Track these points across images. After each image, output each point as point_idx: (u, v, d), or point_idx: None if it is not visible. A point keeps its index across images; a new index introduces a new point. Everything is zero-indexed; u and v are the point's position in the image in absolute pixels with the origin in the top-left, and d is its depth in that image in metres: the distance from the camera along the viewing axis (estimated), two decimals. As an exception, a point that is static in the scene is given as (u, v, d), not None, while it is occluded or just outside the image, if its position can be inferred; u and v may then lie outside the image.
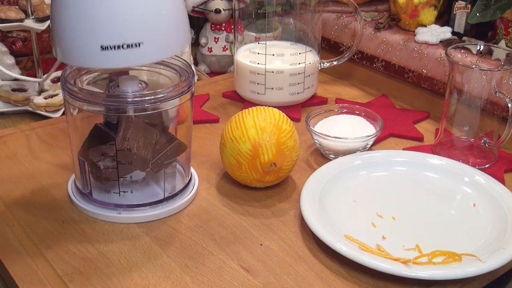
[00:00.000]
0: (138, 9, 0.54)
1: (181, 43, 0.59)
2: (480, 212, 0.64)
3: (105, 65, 0.55)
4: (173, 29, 0.57)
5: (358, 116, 0.79)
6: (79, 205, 0.63)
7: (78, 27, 0.53)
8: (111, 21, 0.53)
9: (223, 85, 0.96)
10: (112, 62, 0.54)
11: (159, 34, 0.56)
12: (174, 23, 0.57)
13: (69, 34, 0.54)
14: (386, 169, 0.71)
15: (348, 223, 0.61)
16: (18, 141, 0.78)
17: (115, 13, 0.53)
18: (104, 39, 0.53)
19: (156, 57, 0.57)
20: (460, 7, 0.86)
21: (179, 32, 0.58)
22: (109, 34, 0.53)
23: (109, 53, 0.53)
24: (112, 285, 0.54)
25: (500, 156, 0.75)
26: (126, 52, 0.54)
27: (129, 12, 0.53)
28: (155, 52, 0.56)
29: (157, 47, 0.56)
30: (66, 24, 0.54)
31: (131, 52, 0.54)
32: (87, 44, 0.54)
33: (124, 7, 0.53)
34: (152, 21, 0.55)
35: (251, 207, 0.65)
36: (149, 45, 0.55)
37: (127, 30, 0.53)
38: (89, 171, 0.62)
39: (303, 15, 0.89)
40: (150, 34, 0.55)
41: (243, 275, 0.55)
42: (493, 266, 0.54)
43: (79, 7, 0.53)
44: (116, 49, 0.53)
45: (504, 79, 0.72)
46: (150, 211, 0.62)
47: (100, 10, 0.53)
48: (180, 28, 0.58)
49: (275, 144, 0.64)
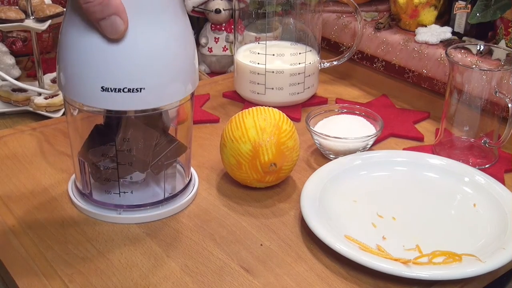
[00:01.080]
0: (141, 55, 0.53)
1: (188, 88, 0.58)
2: (480, 212, 0.64)
3: (104, 105, 0.55)
4: (177, 77, 0.56)
5: (358, 116, 0.79)
6: (79, 205, 0.63)
7: (80, 65, 0.54)
8: (113, 64, 0.53)
9: (223, 85, 0.96)
10: (112, 104, 0.54)
11: (162, 82, 0.55)
12: (179, 71, 0.56)
13: (72, 71, 0.55)
14: (386, 169, 0.71)
15: (348, 223, 0.61)
16: (18, 141, 0.78)
17: (117, 57, 0.53)
18: (104, 80, 0.53)
19: (157, 103, 0.57)
20: (460, 7, 0.86)
21: (184, 78, 0.57)
22: (110, 77, 0.53)
23: (109, 94, 0.53)
24: (112, 285, 0.54)
25: (500, 156, 0.75)
26: (126, 95, 0.54)
27: (131, 57, 0.53)
28: (156, 98, 0.56)
29: (159, 93, 0.55)
30: (70, 61, 0.55)
31: (132, 96, 0.54)
32: (88, 83, 0.54)
33: (127, 52, 0.53)
34: (155, 69, 0.54)
35: (251, 207, 0.65)
36: (150, 91, 0.54)
37: (128, 75, 0.53)
38: (89, 172, 0.62)
39: (303, 15, 0.89)
40: (152, 81, 0.54)
41: (243, 275, 0.55)
42: (493, 266, 0.54)
43: (83, 48, 0.53)
44: (116, 91, 0.53)
45: (504, 79, 0.72)
46: (150, 212, 0.62)
47: (103, 53, 0.52)
48: (186, 75, 0.58)
49: (275, 144, 0.64)
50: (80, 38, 0.53)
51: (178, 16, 0.56)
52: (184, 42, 0.57)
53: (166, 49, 0.55)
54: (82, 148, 0.62)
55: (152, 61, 0.54)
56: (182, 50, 0.56)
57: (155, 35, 0.53)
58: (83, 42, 0.53)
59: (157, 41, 0.54)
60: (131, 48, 0.53)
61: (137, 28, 0.52)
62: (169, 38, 0.55)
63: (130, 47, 0.53)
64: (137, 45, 0.53)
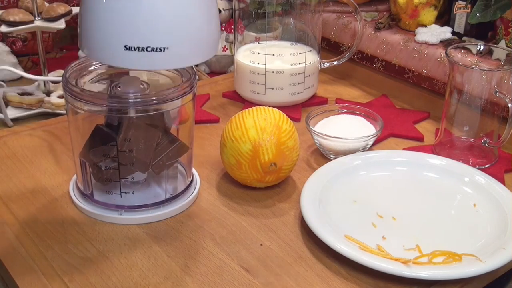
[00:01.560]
0: (165, 14, 0.53)
1: (209, 51, 0.58)
2: (480, 212, 0.64)
3: (128, 65, 0.55)
4: (201, 38, 0.56)
5: (358, 116, 0.79)
6: (81, 206, 0.63)
7: (104, 24, 0.53)
8: (136, 22, 0.52)
9: (223, 85, 0.96)
10: (135, 63, 0.54)
11: (185, 41, 0.55)
12: (202, 32, 0.56)
13: (95, 31, 0.54)
14: (386, 169, 0.71)
15: (348, 223, 0.61)
16: (18, 141, 0.78)
17: (141, 15, 0.52)
18: (128, 39, 0.53)
19: (181, 64, 0.57)
20: (460, 7, 0.86)
21: (207, 40, 0.57)
22: (133, 35, 0.53)
23: (132, 54, 0.53)
24: (112, 285, 0.54)
25: (500, 156, 0.75)
26: (150, 55, 0.53)
27: (155, 15, 0.52)
28: (180, 58, 0.55)
29: (182, 53, 0.55)
30: (93, 21, 0.54)
31: (155, 56, 0.53)
32: (112, 42, 0.53)
33: (151, 10, 0.52)
34: (179, 27, 0.54)
35: (251, 207, 0.65)
36: (174, 51, 0.54)
37: (151, 34, 0.53)
38: (90, 172, 0.62)
39: (303, 15, 0.89)
40: (175, 40, 0.54)
41: (243, 275, 0.55)
42: (493, 266, 0.54)
43: (107, 5, 0.53)
44: (140, 50, 0.53)
45: (504, 79, 0.73)
46: (152, 212, 0.62)
47: (126, 10, 0.52)
48: (209, 37, 0.57)
49: (275, 144, 0.64)
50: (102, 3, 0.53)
51: None
52: (208, 5, 0.56)
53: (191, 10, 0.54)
54: (84, 148, 0.62)
55: (176, 21, 0.53)
56: (206, 14, 0.56)
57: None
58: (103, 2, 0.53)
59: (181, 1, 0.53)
60: (155, 7, 0.52)
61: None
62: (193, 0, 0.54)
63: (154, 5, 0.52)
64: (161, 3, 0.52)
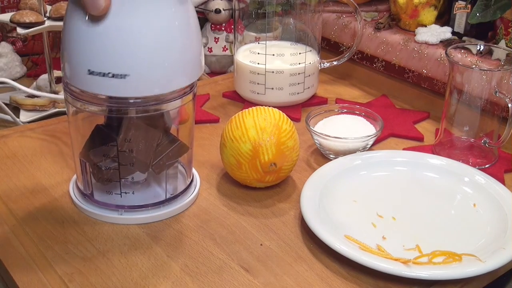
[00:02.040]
0: (127, 41, 0.52)
1: (180, 81, 0.57)
2: (480, 212, 0.64)
3: (91, 89, 0.55)
4: (168, 68, 0.55)
5: (358, 116, 0.79)
6: (81, 206, 0.63)
7: (72, 48, 0.54)
8: (98, 48, 0.53)
9: (223, 85, 0.96)
10: (98, 88, 0.54)
11: (148, 70, 0.54)
12: (170, 61, 0.55)
13: (66, 53, 0.56)
14: (386, 169, 0.71)
15: (348, 223, 0.61)
16: (18, 141, 0.78)
17: (103, 41, 0.52)
18: (91, 64, 0.53)
19: (144, 92, 0.55)
20: (460, 7, 0.86)
21: (177, 70, 0.56)
22: (95, 60, 0.53)
23: (95, 78, 0.53)
24: (112, 285, 0.54)
25: (500, 156, 0.75)
26: (111, 80, 0.53)
27: (116, 42, 0.52)
28: (143, 86, 0.54)
29: (145, 82, 0.54)
30: (64, 44, 0.55)
31: (116, 82, 0.53)
32: (78, 66, 0.54)
33: (112, 36, 0.52)
34: (141, 56, 0.53)
35: (251, 207, 0.65)
36: (135, 79, 0.53)
37: (111, 60, 0.53)
38: (90, 172, 0.62)
39: (303, 15, 0.89)
40: (137, 68, 0.53)
41: (243, 275, 0.55)
42: (493, 266, 0.54)
43: (74, 30, 0.54)
44: (101, 76, 0.53)
45: (504, 79, 0.73)
46: (152, 212, 0.62)
47: (90, 36, 0.53)
48: (179, 67, 0.56)
49: (275, 144, 0.64)
50: (72, 21, 0.54)
51: (173, 7, 0.54)
52: (179, 33, 0.55)
53: (156, 39, 0.53)
54: (83, 149, 0.62)
55: (139, 49, 0.53)
56: (176, 44, 0.55)
57: (145, 22, 0.53)
58: (74, 25, 0.53)
59: (147, 29, 0.53)
60: (118, 33, 0.52)
61: (125, 14, 0.52)
62: (161, 27, 0.54)
63: (117, 31, 0.52)
64: (124, 30, 0.52)
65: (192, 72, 0.58)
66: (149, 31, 0.53)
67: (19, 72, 1.07)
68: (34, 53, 1.14)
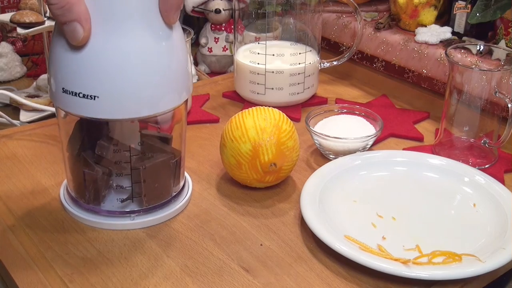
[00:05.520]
0: (99, 63, 0.52)
1: (156, 106, 0.56)
2: (480, 212, 0.64)
3: (65, 107, 0.56)
4: (143, 92, 0.54)
5: (358, 116, 0.79)
6: (73, 212, 0.62)
7: (52, 65, 0.55)
8: (71, 68, 0.53)
9: (223, 85, 0.96)
10: (70, 106, 0.55)
11: (120, 93, 0.53)
12: (144, 86, 0.54)
13: (48, 70, 0.57)
14: (386, 169, 0.71)
15: (348, 223, 0.61)
16: (18, 141, 0.78)
17: (76, 62, 0.53)
18: (64, 82, 0.54)
19: (115, 115, 0.54)
20: (460, 7, 0.86)
21: (151, 95, 0.55)
22: (67, 79, 0.54)
23: (68, 97, 0.54)
24: (112, 285, 0.54)
25: (500, 156, 0.75)
26: (82, 100, 0.54)
27: (88, 63, 0.53)
28: (113, 109, 0.54)
29: (115, 105, 0.54)
30: (49, 60, 0.56)
31: (87, 103, 0.53)
32: (54, 83, 0.55)
33: (86, 58, 0.52)
34: (111, 78, 0.53)
35: (251, 207, 0.65)
36: (105, 101, 0.53)
37: (81, 80, 0.53)
38: (84, 179, 0.61)
39: (303, 15, 0.89)
40: (107, 90, 0.53)
41: (243, 275, 0.55)
42: (493, 266, 0.54)
43: (54, 48, 0.55)
44: (73, 95, 0.54)
45: (504, 79, 0.73)
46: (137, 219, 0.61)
47: (65, 56, 0.53)
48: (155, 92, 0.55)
49: (275, 144, 0.64)
50: (55, 39, 0.55)
51: (148, 30, 0.53)
52: (152, 56, 0.54)
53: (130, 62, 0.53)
54: (76, 162, 0.61)
55: (109, 71, 0.53)
56: (151, 68, 0.54)
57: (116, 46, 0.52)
58: (56, 43, 0.54)
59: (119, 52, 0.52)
60: (90, 54, 0.52)
61: (100, 37, 0.52)
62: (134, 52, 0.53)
63: (90, 53, 0.52)
64: (96, 52, 0.52)
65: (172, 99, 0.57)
66: (120, 54, 0.53)
67: (19, 72, 1.07)
68: (34, 53, 1.14)
